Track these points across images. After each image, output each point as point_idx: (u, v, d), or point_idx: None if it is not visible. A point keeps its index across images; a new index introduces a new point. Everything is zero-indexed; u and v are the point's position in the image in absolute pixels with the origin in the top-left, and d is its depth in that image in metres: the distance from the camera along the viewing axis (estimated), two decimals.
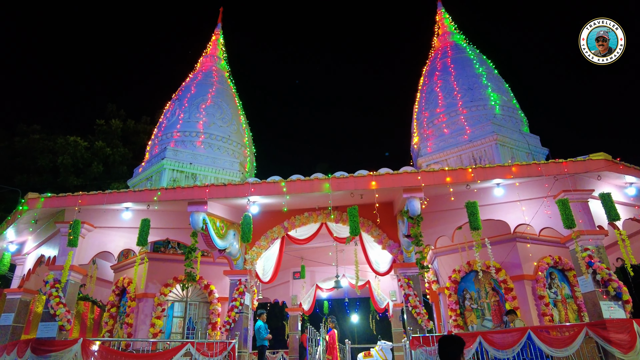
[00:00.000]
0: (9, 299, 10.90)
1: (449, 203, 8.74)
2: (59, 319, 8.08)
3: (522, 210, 8.68)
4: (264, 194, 8.09)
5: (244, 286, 9.61)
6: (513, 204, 8.87)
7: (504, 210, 8.96)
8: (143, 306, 11.36)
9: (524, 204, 8.66)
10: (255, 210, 8.49)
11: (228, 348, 8.83)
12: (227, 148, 14.48)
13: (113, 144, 20.45)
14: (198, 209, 8.09)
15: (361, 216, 10.03)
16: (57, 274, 8.46)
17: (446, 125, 13.77)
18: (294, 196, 8.77)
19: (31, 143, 19.14)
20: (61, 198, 8.25)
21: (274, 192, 8.04)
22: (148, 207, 8.44)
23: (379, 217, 9.28)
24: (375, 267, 10.53)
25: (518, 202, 8.84)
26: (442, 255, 11.88)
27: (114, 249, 9.18)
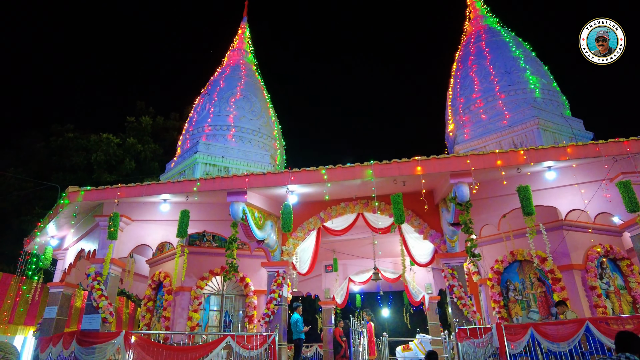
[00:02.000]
0: (51, 293, 11.09)
1: (495, 189, 8.33)
2: (101, 311, 8.11)
3: (576, 195, 8.17)
4: (303, 182, 7.87)
5: (282, 278, 9.45)
6: (564, 188, 8.38)
7: (554, 196, 8.47)
8: (180, 300, 11.37)
9: (578, 189, 8.15)
10: (293, 200, 8.29)
11: (268, 341, 8.70)
12: (257, 141, 14.38)
13: (144, 140, 20.70)
14: (237, 199, 7.95)
15: None
16: (98, 267, 8.50)
17: (484, 111, 13.27)
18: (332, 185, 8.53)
19: (66, 142, 19.55)
20: (100, 191, 8.26)
21: (314, 180, 7.82)
22: (187, 198, 8.36)
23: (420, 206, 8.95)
24: (417, 258, 10.20)
25: (572, 186, 8.34)
26: (483, 245, 11.42)
27: (152, 242, 9.18)
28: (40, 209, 17.12)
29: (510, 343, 8.04)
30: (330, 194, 9.29)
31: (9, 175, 17.74)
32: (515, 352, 8.04)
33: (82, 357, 7.77)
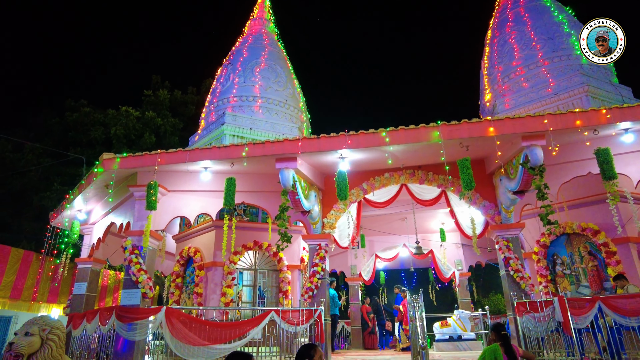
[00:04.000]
0: (80, 269, 10.72)
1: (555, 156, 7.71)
2: (141, 286, 7.69)
3: None
4: (361, 146, 7.31)
5: (325, 251, 8.99)
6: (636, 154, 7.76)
7: (624, 162, 7.87)
8: (212, 275, 10.98)
9: None
10: (345, 167, 7.73)
11: (314, 316, 8.29)
12: (284, 113, 13.77)
13: (162, 114, 20.08)
14: (287, 166, 7.41)
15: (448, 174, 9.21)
16: (135, 239, 8.04)
17: (525, 79, 12.57)
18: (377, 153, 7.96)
19: (82, 117, 18.96)
20: (137, 157, 7.73)
21: (373, 144, 7.24)
22: (232, 165, 7.82)
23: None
24: (466, 229, 9.69)
25: None
26: (528, 218, 10.89)
27: (189, 214, 8.69)
28: (59, 185, 16.69)
29: (574, 317, 7.60)
30: (374, 162, 8.74)
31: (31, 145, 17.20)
32: (579, 326, 7.60)
33: (123, 333, 7.38)
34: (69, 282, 16.02)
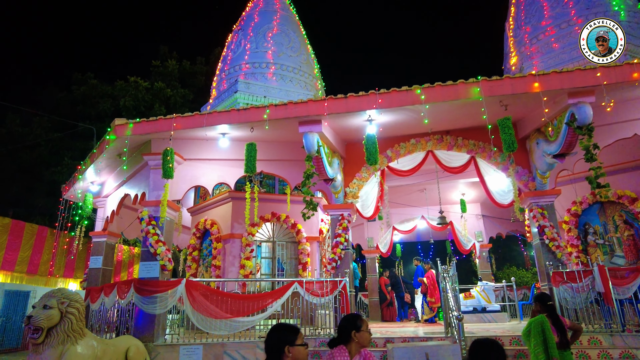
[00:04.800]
0: (95, 242, 10.48)
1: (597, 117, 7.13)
2: (159, 257, 7.38)
3: None
4: (394, 105, 6.78)
5: (348, 221, 8.60)
6: None
7: None
8: (230, 247, 10.70)
9: None
10: (372, 130, 7.22)
11: (339, 287, 7.97)
12: (299, 80, 13.19)
13: (172, 85, 19.53)
14: (311, 129, 6.93)
15: (479, 139, 8.70)
16: (152, 210, 7.69)
17: (556, 40, 11.79)
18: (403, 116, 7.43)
19: (89, 90, 18.49)
20: (152, 123, 7.27)
21: (406, 103, 6.71)
22: (252, 130, 7.35)
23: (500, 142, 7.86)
24: (498, 198, 9.21)
25: None
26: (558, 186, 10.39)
27: (207, 183, 8.30)
28: (70, 160, 16.39)
29: (616, 287, 7.20)
30: (401, 127, 8.22)
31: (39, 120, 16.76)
32: (620, 297, 7.21)
33: (143, 307, 7.12)
34: (83, 257, 15.95)
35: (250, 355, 7.29)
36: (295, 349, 2.67)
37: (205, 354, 7.11)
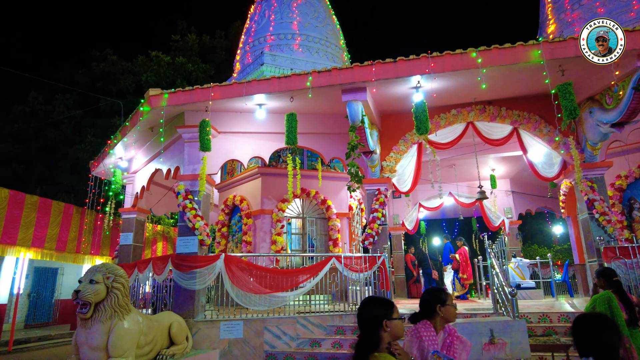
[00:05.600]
0: (125, 219, 10.40)
1: None
2: (198, 232, 7.22)
3: None
4: (447, 70, 6.39)
5: (385, 196, 8.32)
6: None
7: None
8: (261, 223, 10.55)
9: None
10: (418, 98, 6.85)
11: (378, 262, 7.77)
12: (325, 51, 12.74)
13: (192, 60, 19.18)
14: (356, 97, 6.60)
15: (523, 109, 8.28)
16: (188, 184, 7.50)
17: (601, 4, 11.09)
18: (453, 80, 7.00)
19: (109, 66, 18.25)
20: (188, 92, 7.00)
21: (460, 67, 6.31)
22: (291, 100, 7.04)
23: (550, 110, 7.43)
24: (542, 170, 8.82)
25: None
26: None
27: (241, 157, 8.05)
28: (93, 137, 16.32)
29: None
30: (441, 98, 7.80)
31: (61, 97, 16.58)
32: None
33: (182, 282, 7.01)
34: (109, 235, 16.02)
35: (291, 330, 7.18)
36: (393, 322, 2.47)
37: (246, 330, 7.01)
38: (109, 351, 4.92)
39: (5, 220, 12.21)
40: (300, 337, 7.15)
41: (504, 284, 6.38)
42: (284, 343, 7.09)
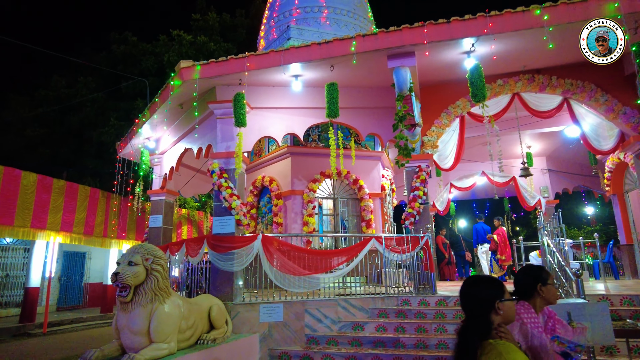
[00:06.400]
0: (153, 201, 10.19)
1: None
2: (235, 212, 6.91)
3: None
4: (507, 30, 5.84)
5: (426, 173, 7.86)
6: None
7: None
8: (291, 204, 10.22)
9: None
10: (470, 64, 6.31)
11: (421, 242, 7.37)
12: (353, 24, 12.16)
13: (213, 39, 18.75)
14: (403, 63, 6.10)
15: (576, 78, 7.66)
16: (222, 162, 7.17)
17: None
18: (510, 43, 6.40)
19: (130, 48, 17.98)
20: (222, 64, 6.57)
21: (522, 26, 5.74)
22: (331, 68, 6.59)
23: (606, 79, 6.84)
24: (596, 144, 8.24)
25: None
26: None
27: (275, 133, 7.66)
28: (116, 120, 16.16)
29: None
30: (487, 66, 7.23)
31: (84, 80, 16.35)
32: None
33: (220, 264, 6.74)
34: (134, 219, 15.98)
35: (332, 313, 6.88)
36: (506, 304, 2.11)
37: (286, 313, 6.74)
38: (151, 336, 4.66)
39: (35, 205, 12.19)
40: (342, 320, 6.85)
41: (563, 264, 5.92)
42: (325, 326, 6.80)
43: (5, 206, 11.31)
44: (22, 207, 11.81)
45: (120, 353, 4.80)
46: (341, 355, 6.13)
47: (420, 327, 6.53)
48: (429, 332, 6.46)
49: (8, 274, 14.24)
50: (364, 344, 6.40)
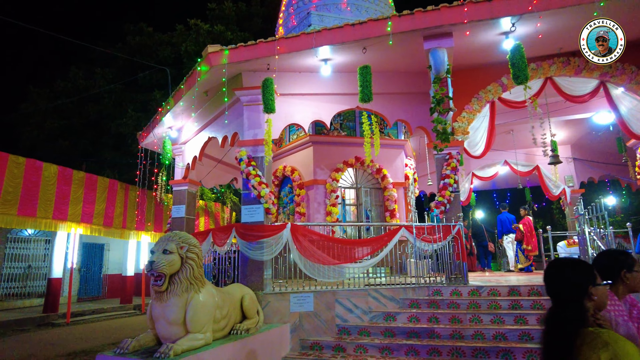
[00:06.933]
0: (176, 191, 10.11)
1: None
2: (263, 200, 6.78)
3: None
4: (553, 7, 5.58)
5: (457, 160, 7.64)
6: None
7: None
8: (314, 194, 10.09)
9: None
10: (509, 44, 6.06)
11: (453, 232, 7.18)
12: (375, 10, 11.89)
13: (230, 28, 18.55)
14: (440, 44, 5.87)
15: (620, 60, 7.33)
16: (249, 150, 7.04)
17: None
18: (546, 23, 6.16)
19: (146, 38, 17.87)
20: (251, 48, 6.38)
21: (572, 1, 5.51)
22: (364, 50, 6.39)
23: None
24: (635, 127, 7.91)
25: None
26: None
27: (302, 121, 7.49)
28: (133, 111, 16.12)
29: None
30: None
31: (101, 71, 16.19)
32: None
33: (250, 253, 6.63)
34: (152, 211, 15.98)
35: (362, 303, 6.75)
36: (599, 290, 1.99)
37: (317, 302, 6.62)
38: (187, 326, 4.56)
39: (56, 196, 12.21)
40: (373, 311, 6.71)
41: None
42: (356, 316, 6.67)
43: (27, 198, 11.34)
44: (44, 198, 11.83)
45: (155, 343, 4.72)
46: (375, 346, 6.00)
47: (455, 317, 6.37)
48: (463, 323, 6.30)
49: (30, 265, 14.36)
50: (397, 335, 6.25)
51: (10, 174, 11.02)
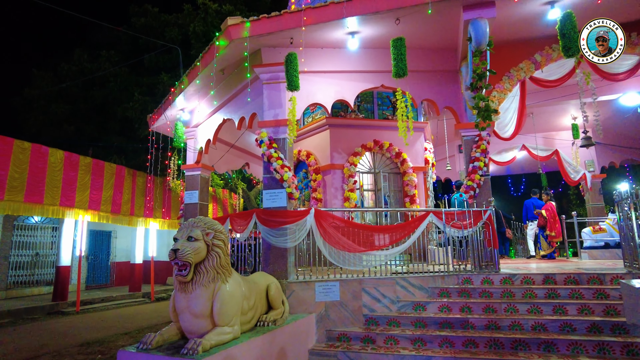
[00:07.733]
0: (188, 176, 9.75)
1: None
2: (286, 184, 6.41)
3: None
4: None
5: (487, 142, 7.25)
6: None
7: None
8: (331, 179, 9.71)
9: None
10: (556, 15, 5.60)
11: (484, 217, 6.81)
12: None
13: (238, 8, 17.97)
14: (481, 14, 5.42)
15: None
16: (270, 131, 6.64)
17: None
18: None
19: (151, 20, 17.31)
20: (274, 19, 5.90)
21: None
22: (397, 21, 5.94)
23: None
24: None
25: None
26: None
27: (324, 100, 7.06)
28: (140, 95, 15.67)
29: None
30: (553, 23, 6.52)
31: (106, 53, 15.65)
32: None
33: (272, 240, 6.29)
34: (160, 198, 15.66)
35: (390, 292, 6.42)
36: None
37: (343, 291, 6.30)
38: (214, 319, 4.22)
39: (63, 182, 11.88)
40: (401, 300, 6.39)
41: None
42: (384, 306, 6.35)
43: (34, 184, 11.02)
44: (51, 184, 11.51)
45: (179, 337, 4.40)
46: (406, 337, 5.69)
47: (488, 307, 6.05)
48: (498, 312, 5.98)
49: (38, 253, 14.11)
50: (429, 325, 5.94)
51: (16, 160, 10.68)
